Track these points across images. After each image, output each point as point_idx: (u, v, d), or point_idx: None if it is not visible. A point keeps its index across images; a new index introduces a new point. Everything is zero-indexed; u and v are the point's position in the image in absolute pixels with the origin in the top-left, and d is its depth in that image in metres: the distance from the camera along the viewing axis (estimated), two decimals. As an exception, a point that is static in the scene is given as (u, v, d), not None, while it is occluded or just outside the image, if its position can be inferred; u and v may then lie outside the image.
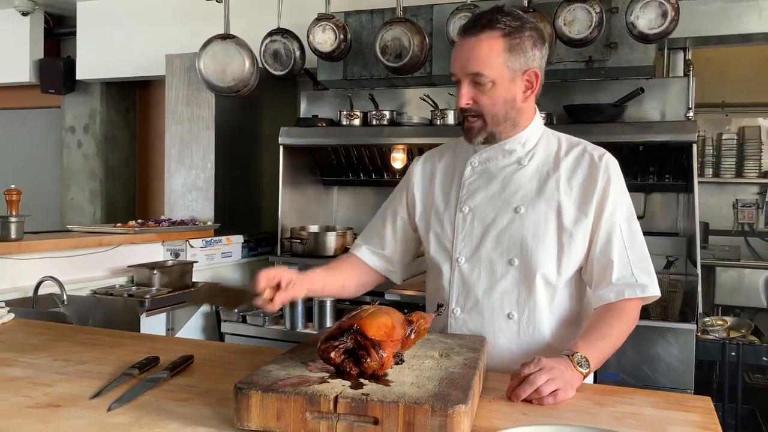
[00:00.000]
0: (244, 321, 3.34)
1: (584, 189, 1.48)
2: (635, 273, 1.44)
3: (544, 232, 1.47)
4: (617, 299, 1.44)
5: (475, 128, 1.49)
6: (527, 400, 1.19)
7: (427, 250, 1.63)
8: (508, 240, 1.49)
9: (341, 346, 1.12)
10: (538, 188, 1.50)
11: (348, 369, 1.11)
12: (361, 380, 1.09)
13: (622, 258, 1.45)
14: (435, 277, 1.61)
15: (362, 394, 1.01)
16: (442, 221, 1.58)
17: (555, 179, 1.50)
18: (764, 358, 2.85)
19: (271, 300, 1.35)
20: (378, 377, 1.10)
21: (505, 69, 1.44)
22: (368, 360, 1.10)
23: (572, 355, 1.29)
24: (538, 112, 1.57)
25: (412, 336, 1.25)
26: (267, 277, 1.35)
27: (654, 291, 1.45)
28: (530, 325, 1.50)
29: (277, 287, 1.37)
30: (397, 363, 1.18)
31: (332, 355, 1.12)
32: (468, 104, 1.46)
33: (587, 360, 1.30)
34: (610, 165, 1.50)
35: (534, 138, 1.55)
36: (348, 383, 1.07)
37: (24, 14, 4.88)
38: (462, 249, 1.54)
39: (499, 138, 1.52)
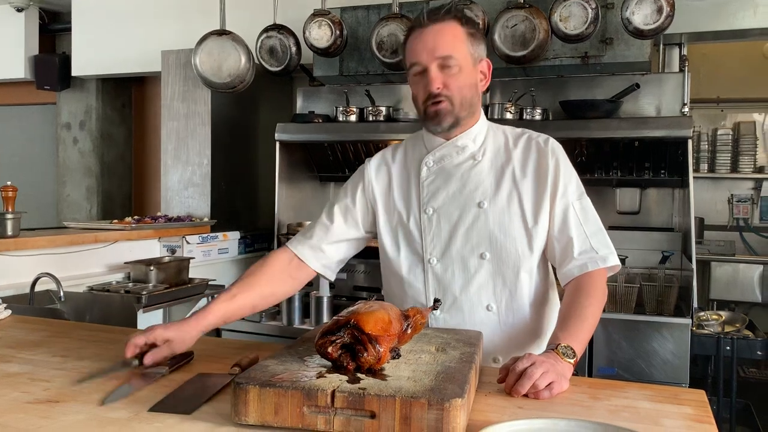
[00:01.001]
0: (241, 318, 3.34)
1: (538, 174, 1.54)
2: (594, 246, 1.50)
3: (509, 223, 1.52)
4: (581, 273, 1.49)
5: (443, 110, 1.50)
6: (524, 395, 1.19)
7: (392, 255, 1.61)
8: (476, 235, 1.53)
9: (338, 341, 1.13)
10: (496, 181, 1.55)
11: (345, 364, 1.12)
12: (358, 375, 1.09)
13: (580, 234, 1.50)
14: (404, 280, 1.60)
15: (359, 388, 1.02)
16: (408, 225, 1.59)
17: (510, 170, 1.55)
18: (759, 352, 2.87)
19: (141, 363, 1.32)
20: (375, 372, 1.11)
21: (468, 55, 1.51)
22: (365, 355, 1.11)
23: (556, 348, 1.31)
24: (482, 108, 1.62)
25: (409, 331, 1.26)
26: (135, 345, 1.33)
27: (614, 261, 1.51)
28: (509, 314, 1.54)
29: (153, 346, 1.34)
30: (393, 357, 1.18)
31: (329, 349, 1.13)
32: (439, 88, 1.48)
33: (572, 349, 1.31)
34: (556, 148, 1.57)
35: (483, 133, 1.59)
36: (345, 378, 1.07)
37: (19, 10, 4.86)
38: (432, 250, 1.56)
39: (461, 125, 1.54)
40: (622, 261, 3.03)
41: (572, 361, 1.30)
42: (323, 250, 1.64)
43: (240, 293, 1.55)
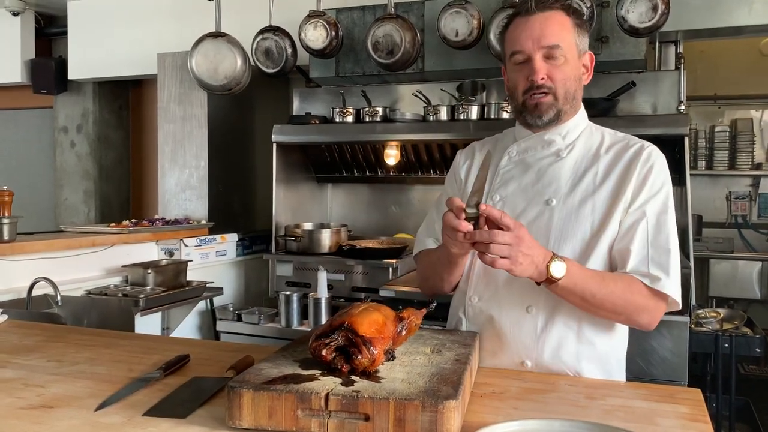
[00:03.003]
0: (239, 319, 3.35)
1: (620, 180, 1.43)
2: (650, 266, 1.37)
3: (573, 229, 1.43)
4: None
5: (545, 103, 1.44)
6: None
7: None
8: (535, 232, 1.38)
9: (332, 343, 1.13)
10: (573, 182, 1.46)
11: (339, 366, 1.12)
12: (353, 377, 1.09)
13: (641, 250, 1.38)
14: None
15: (353, 391, 1.02)
16: None
17: (592, 174, 1.46)
18: (757, 350, 2.88)
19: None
20: (369, 374, 1.11)
21: (574, 46, 1.45)
22: (359, 357, 1.11)
23: (554, 255, 1.29)
24: (582, 105, 1.55)
25: (403, 332, 1.26)
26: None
27: (665, 287, 1.36)
28: (550, 322, 1.43)
29: None
30: (388, 359, 1.18)
31: (323, 352, 1.13)
32: (543, 79, 1.42)
33: (565, 270, 1.28)
34: (653, 155, 1.46)
35: (576, 131, 1.52)
36: (339, 380, 1.07)
37: (14, 14, 4.86)
38: None
39: (562, 119, 1.48)
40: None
41: (554, 276, 1.28)
42: None
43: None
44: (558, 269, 1.29)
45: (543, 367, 1.42)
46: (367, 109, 3.48)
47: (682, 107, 3.20)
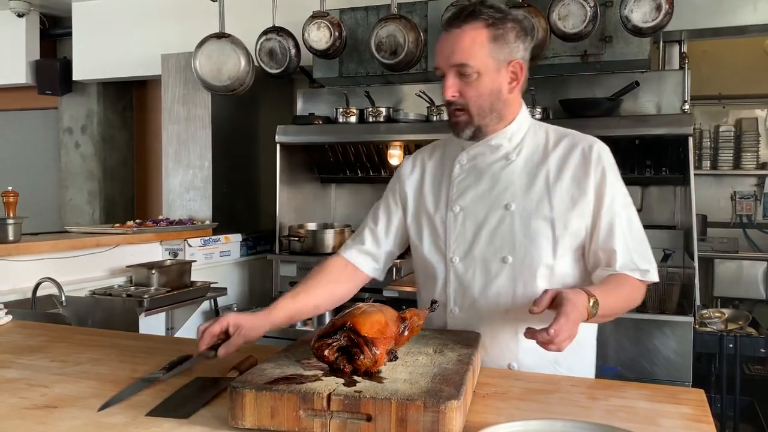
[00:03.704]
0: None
1: (577, 179, 1.47)
2: (636, 260, 1.45)
3: (536, 228, 1.47)
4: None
5: (461, 122, 1.48)
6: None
7: (418, 250, 1.62)
8: (500, 238, 1.48)
9: (335, 343, 1.13)
10: (528, 183, 1.49)
11: (342, 366, 1.12)
12: (355, 378, 1.09)
13: (624, 246, 1.45)
14: (429, 277, 1.60)
15: (355, 391, 1.02)
16: (434, 222, 1.57)
17: (545, 172, 1.49)
18: (762, 350, 2.87)
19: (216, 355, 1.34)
20: (371, 374, 1.11)
21: (490, 60, 1.44)
22: (361, 357, 1.11)
23: (589, 295, 1.30)
24: (524, 105, 1.57)
25: (406, 333, 1.26)
26: (212, 334, 1.34)
27: (653, 277, 1.47)
28: (528, 321, 1.44)
29: (226, 335, 1.35)
30: (390, 360, 1.18)
31: (326, 352, 1.13)
32: (454, 96, 1.45)
33: (598, 307, 1.31)
34: (603, 155, 1.49)
35: (521, 132, 1.54)
36: (341, 381, 1.07)
37: (19, 15, 4.88)
38: (456, 249, 1.53)
39: (485, 132, 1.50)
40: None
41: (592, 318, 1.31)
42: (373, 254, 1.66)
43: (302, 293, 1.56)
44: (593, 308, 1.31)
45: (527, 367, 1.46)
46: (370, 109, 3.48)
47: (687, 107, 3.19)
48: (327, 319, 3.03)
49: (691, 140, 2.96)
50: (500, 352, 1.48)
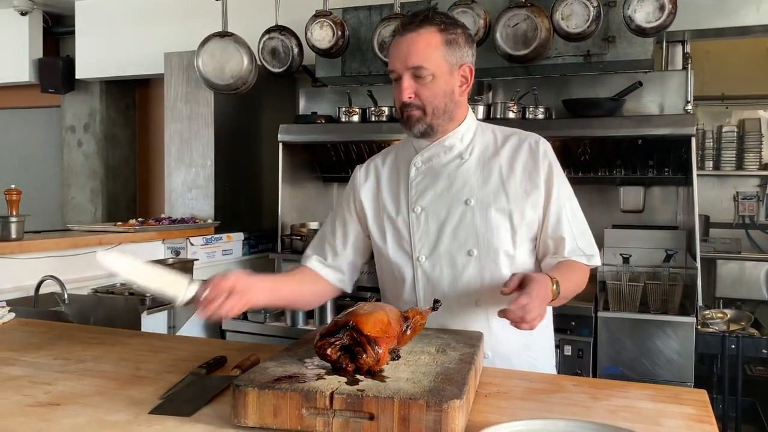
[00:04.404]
0: (245, 318, 3.35)
1: (527, 174, 1.56)
2: (581, 246, 1.56)
3: (496, 220, 1.54)
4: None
5: (414, 116, 1.52)
6: None
7: (383, 253, 1.64)
8: (463, 233, 1.55)
9: (337, 342, 1.13)
10: (483, 179, 1.57)
11: (344, 365, 1.12)
12: (357, 376, 1.09)
13: (571, 234, 1.56)
14: (397, 279, 1.62)
15: (358, 390, 1.02)
16: (396, 224, 1.61)
17: (498, 168, 1.57)
18: (764, 351, 2.86)
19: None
20: (374, 373, 1.11)
21: (444, 62, 1.50)
22: (364, 356, 1.11)
23: (552, 279, 1.39)
24: (470, 107, 1.64)
25: (408, 332, 1.26)
26: (221, 290, 1.30)
27: (597, 261, 1.60)
28: (497, 309, 1.49)
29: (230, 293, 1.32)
30: (393, 359, 1.18)
31: (328, 351, 1.13)
32: (410, 98, 1.50)
33: (560, 288, 1.40)
34: (548, 150, 1.60)
35: (470, 132, 1.61)
36: (344, 379, 1.07)
37: (23, 14, 4.88)
38: (421, 248, 1.58)
39: (437, 131, 1.56)
40: (626, 260, 3.04)
41: (557, 296, 1.40)
42: (335, 266, 1.68)
43: (294, 285, 1.65)
44: (557, 290, 1.40)
45: (501, 354, 1.53)
46: (373, 108, 3.48)
47: (689, 107, 3.19)
48: (329, 318, 3.03)
49: (693, 141, 2.96)
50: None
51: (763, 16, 3.12)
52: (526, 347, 1.57)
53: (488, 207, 1.54)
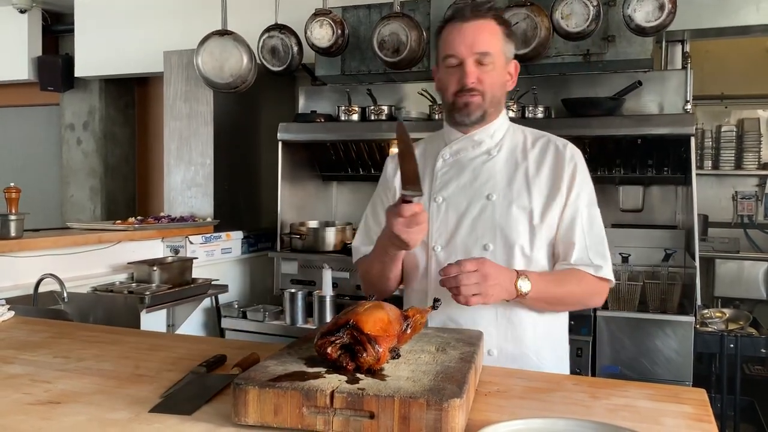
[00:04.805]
0: (244, 317, 3.36)
1: (552, 176, 1.57)
2: (591, 256, 1.54)
3: (516, 217, 1.54)
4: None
5: (474, 102, 1.54)
6: None
7: None
8: (482, 226, 1.56)
9: (338, 341, 1.13)
10: (508, 177, 1.58)
11: (344, 364, 1.12)
12: (358, 375, 1.09)
13: (581, 242, 1.55)
14: (412, 267, 1.64)
15: (358, 388, 1.02)
16: None
17: (524, 168, 1.59)
18: (762, 350, 2.87)
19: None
20: (374, 372, 1.11)
21: (502, 54, 1.56)
22: (364, 355, 1.11)
23: (519, 274, 1.43)
24: (504, 108, 1.67)
25: (408, 331, 1.26)
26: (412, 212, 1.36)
27: (606, 273, 1.55)
28: (507, 307, 1.55)
29: None
30: (393, 358, 1.18)
31: (329, 350, 1.13)
32: (474, 83, 1.52)
33: (530, 284, 1.44)
34: (575, 155, 1.60)
35: (501, 131, 1.63)
36: (344, 378, 1.07)
37: (22, 12, 4.88)
38: (438, 238, 1.59)
39: (486, 120, 1.58)
40: (626, 259, 3.04)
41: (523, 292, 1.43)
42: None
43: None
44: (525, 285, 1.44)
45: (507, 353, 1.53)
46: (372, 107, 3.49)
47: (689, 106, 3.19)
48: (329, 317, 3.03)
49: (693, 140, 2.97)
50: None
51: (762, 16, 3.12)
52: (537, 353, 1.56)
53: (510, 203, 1.55)
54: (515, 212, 1.54)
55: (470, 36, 1.51)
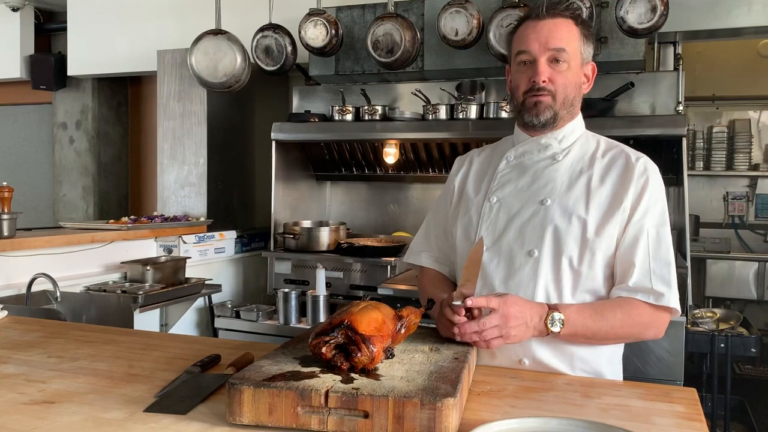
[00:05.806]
0: (238, 317, 3.36)
1: (616, 189, 1.47)
2: (653, 281, 1.41)
3: (567, 227, 1.45)
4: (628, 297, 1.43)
5: (544, 102, 1.48)
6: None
7: (454, 238, 1.64)
8: (530, 231, 1.48)
9: (332, 341, 1.14)
10: (569, 184, 1.50)
11: (339, 364, 1.13)
12: (352, 375, 1.10)
13: (644, 264, 1.42)
14: (458, 266, 1.62)
15: (352, 388, 1.03)
16: (470, 211, 1.60)
17: (587, 177, 1.50)
18: (752, 350, 2.89)
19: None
20: (368, 372, 1.12)
21: (578, 54, 1.50)
22: (359, 355, 1.12)
23: (550, 310, 1.35)
24: (580, 113, 1.59)
25: (402, 331, 1.27)
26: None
27: (669, 301, 1.40)
28: None
29: None
30: (387, 357, 1.19)
31: (323, 350, 1.14)
32: (545, 81, 1.47)
33: (563, 322, 1.35)
34: (649, 168, 1.50)
35: (572, 137, 1.56)
36: (339, 378, 1.08)
37: (14, 10, 4.86)
38: (485, 239, 1.53)
39: (557, 123, 1.52)
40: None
41: (555, 331, 1.35)
42: (442, 259, 1.70)
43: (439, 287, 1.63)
44: (556, 324, 1.36)
45: (540, 364, 1.45)
46: (366, 107, 3.49)
47: (681, 108, 3.21)
48: (323, 317, 3.04)
49: (684, 141, 2.98)
50: (513, 346, 1.44)
51: (754, 18, 3.15)
52: (569, 361, 1.46)
53: (564, 211, 1.46)
54: (567, 221, 1.45)
55: (545, 33, 1.47)
